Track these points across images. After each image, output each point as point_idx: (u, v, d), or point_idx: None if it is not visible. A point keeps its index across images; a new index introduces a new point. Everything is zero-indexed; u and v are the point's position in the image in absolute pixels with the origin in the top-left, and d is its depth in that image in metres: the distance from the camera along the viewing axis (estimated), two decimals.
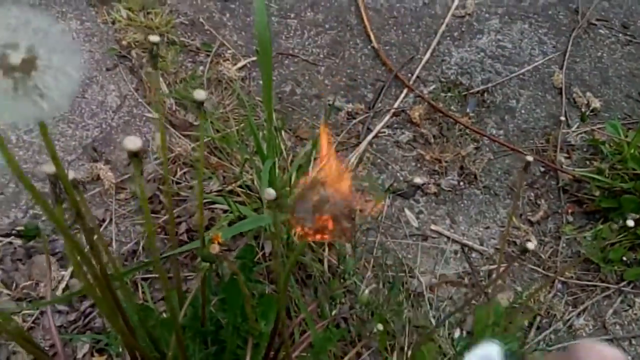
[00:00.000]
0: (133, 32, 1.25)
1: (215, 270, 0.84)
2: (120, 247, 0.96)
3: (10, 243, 0.94)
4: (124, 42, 1.23)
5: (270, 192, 0.43)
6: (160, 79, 1.20)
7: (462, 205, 1.09)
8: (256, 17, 0.75)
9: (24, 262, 0.92)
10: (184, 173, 1.06)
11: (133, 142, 0.41)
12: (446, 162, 1.13)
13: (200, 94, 0.50)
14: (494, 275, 0.99)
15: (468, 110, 1.22)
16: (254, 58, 1.28)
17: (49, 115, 0.34)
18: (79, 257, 0.49)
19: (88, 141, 1.09)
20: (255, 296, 0.76)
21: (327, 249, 0.92)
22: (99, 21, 1.27)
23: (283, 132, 1.14)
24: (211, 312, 0.71)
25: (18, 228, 0.56)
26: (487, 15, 1.41)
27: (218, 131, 1.12)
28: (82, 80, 1.16)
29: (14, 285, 0.90)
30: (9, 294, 0.89)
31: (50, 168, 0.45)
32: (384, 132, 1.17)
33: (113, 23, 1.27)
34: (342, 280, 0.87)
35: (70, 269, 0.92)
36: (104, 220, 0.99)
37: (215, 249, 0.53)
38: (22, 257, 0.93)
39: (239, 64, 1.27)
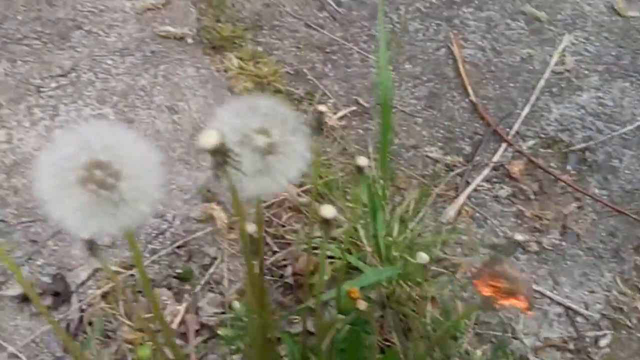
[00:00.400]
0: (244, 80, 1.33)
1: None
2: (230, 285, 1.02)
3: (132, 275, 1.01)
4: (235, 90, 1.32)
5: (423, 257, 0.46)
6: None
7: (565, 266, 1.08)
8: (380, 73, 0.79)
9: (144, 295, 0.99)
10: (289, 217, 1.11)
11: (328, 210, 0.44)
12: (547, 219, 1.12)
13: (362, 160, 0.54)
14: (601, 342, 0.97)
15: (569, 167, 1.22)
16: (354, 108, 1.33)
17: (282, 188, 0.39)
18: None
19: (202, 182, 1.16)
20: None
21: (429, 304, 0.93)
22: (212, 69, 1.37)
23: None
24: None
25: (177, 270, 0.62)
26: (586, 72, 1.41)
27: (321, 177, 1.17)
28: (198, 125, 1.25)
29: (135, 317, 0.97)
30: (130, 325, 0.96)
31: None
32: (483, 186, 1.18)
33: (225, 71, 1.36)
34: (454, 340, 0.88)
35: (185, 304, 0.98)
36: (215, 259, 1.05)
37: (362, 305, 0.56)
38: (142, 290, 1.00)
39: (340, 113, 1.32)
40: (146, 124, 1.25)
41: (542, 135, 1.28)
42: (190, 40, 1.42)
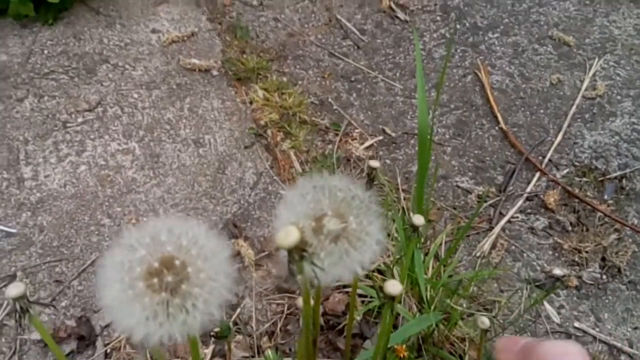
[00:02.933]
0: (269, 111, 1.32)
1: None
2: (258, 325, 0.99)
3: None
4: (261, 122, 1.31)
5: (485, 322, 0.43)
6: (294, 157, 1.25)
7: (607, 301, 1.03)
8: (419, 111, 0.77)
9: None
10: None
11: (393, 286, 0.42)
12: (586, 252, 1.08)
13: (419, 219, 0.52)
14: None
15: (606, 197, 1.17)
16: (381, 137, 1.31)
17: (357, 275, 0.36)
18: None
19: (228, 216, 1.14)
20: None
21: (467, 345, 0.89)
22: (237, 100, 1.36)
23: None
24: None
25: (216, 329, 0.60)
26: (618, 97, 1.37)
27: None
28: (224, 159, 1.23)
29: None
30: None
31: None
32: (517, 217, 1.15)
33: (251, 103, 1.35)
34: None
35: (212, 347, 0.96)
36: (242, 298, 1.03)
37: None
38: None
39: (366, 143, 1.30)
40: (172, 157, 1.24)
41: (577, 164, 1.24)
42: (215, 73, 1.42)
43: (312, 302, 0.47)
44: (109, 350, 0.94)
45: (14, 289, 0.37)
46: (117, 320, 0.32)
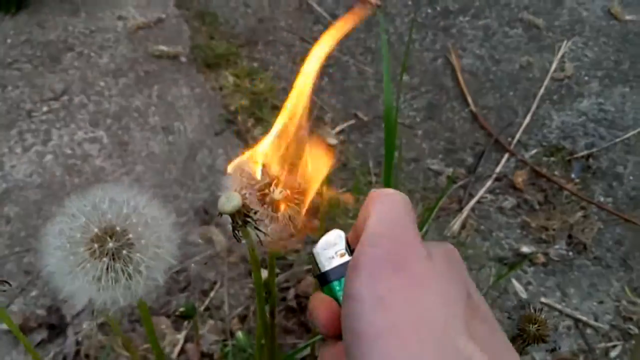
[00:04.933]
0: (240, 97, 1.31)
1: None
2: (231, 310, 0.99)
3: (129, 304, 0.98)
4: (231, 107, 1.30)
5: None
6: None
7: (573, 276, 1.05)
8: (386, 93, 0.77)
9: (141, 324, 0.96)
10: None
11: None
12: (553, 230, 1.10)
13: None
14: (612, 354, 0.94)
15: (573, 175, 1.19)
16: (353, 121, 1.31)
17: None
18: None
19: (199, 203, 1.14)
20: None
21: None
22: (207, 87, 1.35)
23: None
24: None
25: (181, 309, 0.60)
26: (586, 78, 1.39)
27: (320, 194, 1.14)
28: (194, 145, 1.22)
29: (133, 346, 0.93)
30: (126, 356, 0.93)
31: None
32: (486, 198, 1.16)
33: (221, 89, 1.34)
34: None
35: (184, 332, 0.95)
36: (215, 283, 1.02)
37: None
38: (139, 318, 0.97)
39: (338, 128, 1.30)
40: (141, 145, 1.23)
41: (545, 144, 1.26)
42: (184, 59, 1.40)
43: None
44: (80, 339, 0.93)
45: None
46: (61, 286, 0.32)
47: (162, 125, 1.27)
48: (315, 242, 0.35)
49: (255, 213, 0.34)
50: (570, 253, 1.07)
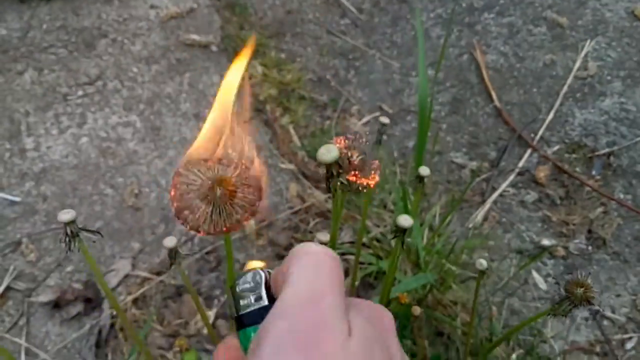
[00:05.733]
0: (268, 87, 1.34)
1: None
2: None
3: (161, 282, 1.02)
4: (260, 97, 1.33)
5: (482, 263, 0.47)
6: (292, 131, 1.28)
7: (592, 270, 1.07)
8: (420, 90, 0.80)
9: (174, 300, 1.00)
10: (316, 223, 1.12)
11: (405, 220, 0.45)
12: (574, 224, 1.12)
13: (424, 170, 0.55)
14: (628, 345, 0.97)
15: (594, 172, 1.22)
16: (378, 114, 1.34)
17: None
18: None
19: None
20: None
21: (459, 308, 0.94)
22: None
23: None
24: None
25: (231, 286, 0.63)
26: (609, 77, 1.41)
27: None
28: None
29: (165, 322, 0.97)
30: (160, 330, 0.97)
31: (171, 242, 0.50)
32: (509, 192, 1.18)
33: (250, 78, 1.37)
34: (488, 340, 0.88)
35: (215, 310, 0.99)
36: (244, 264, 1.06)
37: (417, 310, 0.57)
38: (172, 295, 1.01)
39: (364, 119, 1.33)
40: (172, 131, 1.26)
41: (567, 141, 1.28)
42: (214, 48, 1.43)
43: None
44: (114, 313, 0.97)
45: (66, 215, 0.41)
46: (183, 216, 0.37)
47: (193, 112, 1.30)
48: (240, 276, 0.35)
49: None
50: (590, 247, 1.10)
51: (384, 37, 1.51)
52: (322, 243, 0.41)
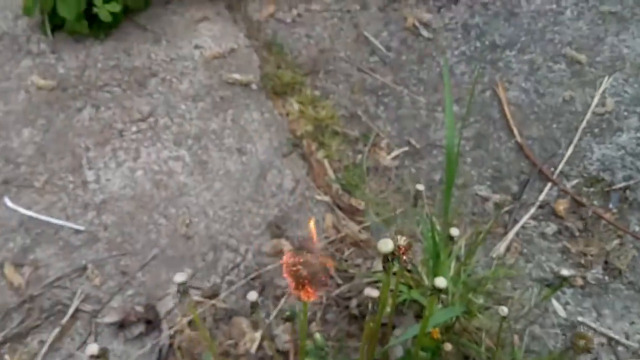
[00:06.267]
0: (304, 123, 1.46)
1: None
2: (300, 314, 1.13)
3: (213, 305, 1.14)
4: (297, 132, 1.44)
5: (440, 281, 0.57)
6: (327, 165, 1.39)
7: (608, 299, 1.16)
8: (448, 134, 0.90)
9: (225, 322, 1.11)
10: (351, 252, 1.22)
11: (441, 281, 0.56)
12: (591, 255, 1.21)
13: (455, 231, 0.65)
14: None
15: (611, 206, 1.30)
16: (406, 148, 1.44)
17: None
18: None
19: (270, 218, 1.28)
20: None
21: (484, 334, 1.03)
22: (275, 113, 1.50)
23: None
24: None
25: (287, 313, 0.74)
26: (625, 113, 1.49)
27: (378, 214, 1.28)
28: (264, 166, 1.37)
29: (217, 342, 1.08)
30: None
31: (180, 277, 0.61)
32: (530, 224, 1.27)
33: (287, 115, 1.49)
34: None
35: (260, 331, 1.10)
36: (286, 289, 1.17)
37: (448, 347, 0.67)
38: (223, 317, 1.12)
39: (393, 154, 1.43)
40: (218, 164, 1.38)
41: (585, 175, 1.36)
42: (254, 87, 1.56)
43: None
44: (172, 333, 1.08)
45: (180, 277, 0.52)
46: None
47: (236, 147, 1.42)
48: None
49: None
50: (606, 277, 1.18)
51: (411, 74, 1.62)
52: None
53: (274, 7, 1.80)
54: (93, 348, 0.54)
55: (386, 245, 0.57)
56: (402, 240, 0.56)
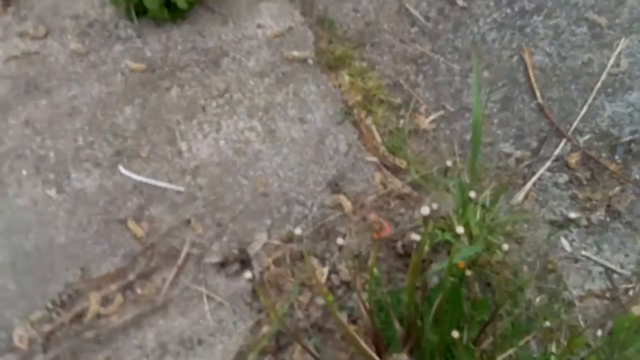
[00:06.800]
0: (354, 94, 1.73)
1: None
2: (353, 252, 1.45)
3: (290, 248, 1.47)
4: (348, 102, 1.72)
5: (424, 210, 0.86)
6: (375, 131, 1.66)
7: (607, 236, 1.42)
8: (474, 113, 1.16)
9: (300, 260, 1.44)
10: (396, 204, 1.52)
11: (424, 209, 0.85)
12: (596, 200, 1.46)
13: (460, 229, 0.94)
14: (630, 292, 1.33)
15: (616, 157, 1.53)
16: (442, 112, 1.70)
17: None
18: None
19: (330, 178, 1.59)
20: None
21: (502, 266, 1.32)
22: (329, 85, 1.77)
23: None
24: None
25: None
26: (638, 72, 1.69)
27: (417, 172, 1.56)
28: (322, 133, 1.67)
29: (296, 277, 1.42)
30: (291, 281, 1.41)
31: None
32: (545, 175, 1.53)
33: (340, 87, 1.76)
34: (522, 292, 1.28)
35: (328, 267, 1.43)
36: (344, 235, 1.49)
37: (469, 272, 0.97)
38: (298, 257, 1.46)
39: (431, 117, 1.69)
40: (284, 133, 1.68)
41: (596, 131, 1.59)
42: (310, 62, 1.82)
43: None
44: (261, 269, 1.43)
45: (425, 210, 0.83)
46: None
47: (298, 117, 1.71)
48: None
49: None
50: (607, 219, 1.44)
51: (446, 43, 1.84)
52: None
53: None
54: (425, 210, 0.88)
55: (425, 210, 0.86)
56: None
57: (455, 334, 1.02)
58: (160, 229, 1.53)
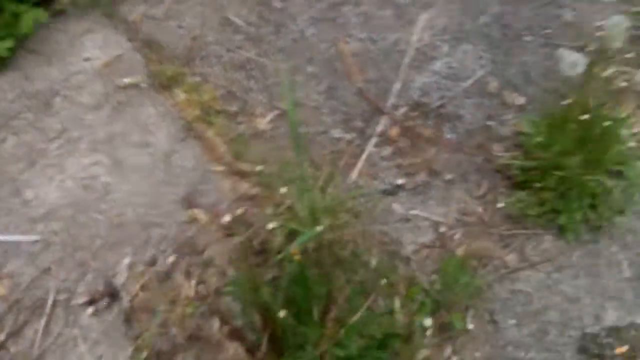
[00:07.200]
0: (192, 108, 1.81)
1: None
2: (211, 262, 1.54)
3: (154, 271, 1.53)
4: (188, 118, 1.79)
5: None
6: (217, 140, 1.76)
7: (431, 194, 1.62)
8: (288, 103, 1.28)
9: (166, 281, 1.51)
10: (249, 205, 1.63)
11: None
12: (417, 165, 1.66)
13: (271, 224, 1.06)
14: (456, 237, 1.54)
15: (429, 122, 1.74)
16: (277, 112, 1.82)
17: None
18: None
19: (182, 194, 1.66)
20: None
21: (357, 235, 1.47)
22: (167, 104, 1.83)
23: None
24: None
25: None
26: (438, 43, 1.91)
27: (263, 172, 1.68)
28: (168, 152, 1.73)
29: (163, 296, 1.49)
30: None
31: None
32: (373, 151, 1.71)
33: (177, 105, 1.83)
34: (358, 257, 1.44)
35: (194, 281, 1.51)
36: (205, 246, 1.57)
37: (297, 257, 1.09)
38: (163, 278, 1.53)
39: (267, 118, 1.81)
40: (130, 161, 1.73)
41: (410, 102, 1.79)
42: (144, 85, 1.87)
43: None
44: (130, 298, 1.48)
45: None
46: None
47: (141, 142, 1.76)
48: None
49: None
50: (429, 179, 1.64)
51: (270, 45, 1.96)
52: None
53: (144, 6, 2.07)
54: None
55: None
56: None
57: (281, 313, 1.16)
58: (21, 284, 1.54)
